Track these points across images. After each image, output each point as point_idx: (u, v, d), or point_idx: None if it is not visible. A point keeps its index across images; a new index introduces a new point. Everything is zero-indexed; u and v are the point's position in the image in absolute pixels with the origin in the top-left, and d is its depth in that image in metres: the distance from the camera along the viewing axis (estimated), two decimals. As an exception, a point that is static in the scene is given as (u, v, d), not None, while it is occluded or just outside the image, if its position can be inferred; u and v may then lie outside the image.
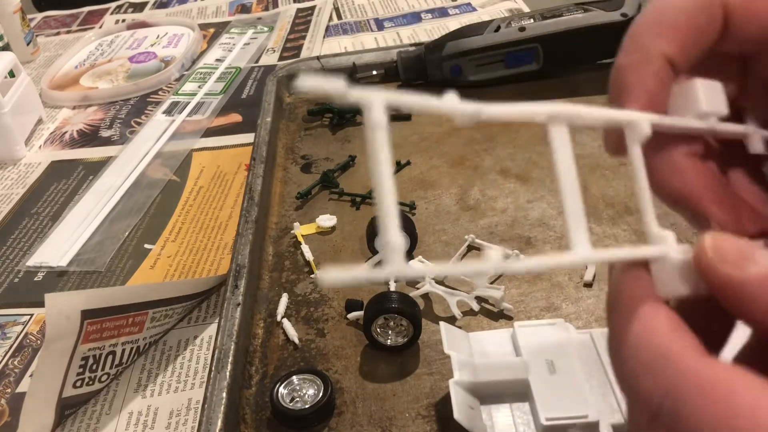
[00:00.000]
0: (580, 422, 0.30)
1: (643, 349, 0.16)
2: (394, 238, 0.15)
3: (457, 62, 0.60)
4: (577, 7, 0.59)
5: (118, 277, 0.48)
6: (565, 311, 0.39)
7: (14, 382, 0.40)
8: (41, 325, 0.44)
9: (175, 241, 0.51)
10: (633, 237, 0.43)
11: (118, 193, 0.57)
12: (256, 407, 0.36)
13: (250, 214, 0.46)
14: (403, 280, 0.41)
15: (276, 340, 0.39)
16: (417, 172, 0.52)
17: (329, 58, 0.67)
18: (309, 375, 0.35)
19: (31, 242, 0.53)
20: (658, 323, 0.16)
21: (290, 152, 0.57)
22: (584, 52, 0.60)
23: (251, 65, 0.77)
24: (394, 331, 0.37)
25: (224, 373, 0.35)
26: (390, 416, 0.34)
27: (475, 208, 0.48)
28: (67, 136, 0.68)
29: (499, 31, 0.59)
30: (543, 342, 0.34)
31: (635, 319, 0.17)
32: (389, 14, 0.87)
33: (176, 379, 0.39)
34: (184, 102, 0.70)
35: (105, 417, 0.38)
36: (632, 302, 0.17)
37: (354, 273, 0.14)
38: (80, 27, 0.97)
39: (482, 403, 0.33)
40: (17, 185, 0.61)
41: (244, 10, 0.95)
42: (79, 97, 0.74)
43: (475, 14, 0.83)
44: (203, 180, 0.58)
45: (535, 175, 0.50)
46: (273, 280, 0.44)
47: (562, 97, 0.59)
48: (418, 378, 0.36)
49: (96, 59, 0.83)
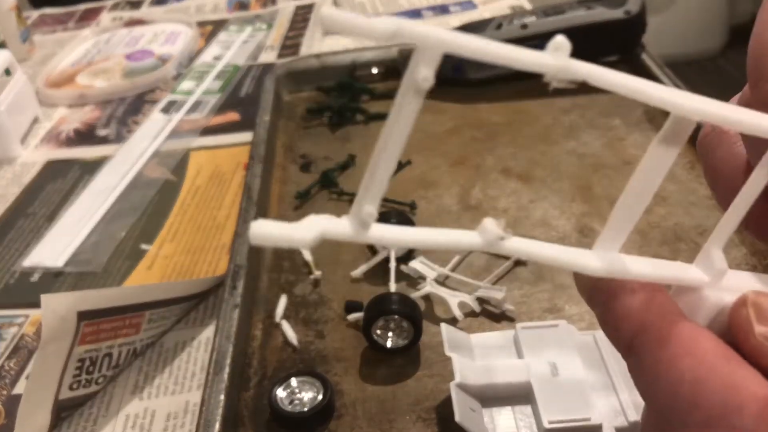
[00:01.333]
0: (583, 425, 0.30)
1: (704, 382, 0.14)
2: (368, 211, 0.14)
3: (459, 60, 0.59)
4: (579, 4, 0.58)
5: (115, 277, 0.47)
6: (568, 312, 0.38)
7: (10, 384, 0.40)
8: (37, 327, 0.44)
9: (172, 242, 0.50)
10: (636, 236, 0.43)
11: (114, 193, 0.56)
12: (255, 410, 0.35)
13: (248, 214, 0.46)
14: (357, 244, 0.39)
15: (274, 342, 0.39)
16: (418, 172, 0.52)
17: (329, 55, 0.66)
18: (308, 377, 0.35)
19: (26, 242, 0.52)
20: (708, 349, 0.15)
21: (289, 151, 0.57)
22: (587, 49, 0.59)
23: (250, 63, 0.77)
24: (394, 333, 0.37)
25: (222, 376, 0.35)
26: (390, 419, 0.34)
27: (477, 208, 0.47)
28: (64, 135, 0.67)
29: (501, 29, 0.59)
30: (545, 344, 0.34)
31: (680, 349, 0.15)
32: (390, 11, 0.86)
33: (174, 381, 0.39)
34: (181, 100, 0.70)
35: (101, 419, 0.37)
36: (665, 327, 0.15)
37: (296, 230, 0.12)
38: (76, 25, 0.97)
39: (484, 406, 0.32)
40: (13, 185, 0.60)
41: (243, 8, 0.94)
42: (76, 95, 0.73)
43: (476, 11, 0.82)
44: (201, 179, 0.57)
45: (537, 175, 0.50)
46: (271, 281, 0.43)
47: (565, 95, 0.58)
48: (418, 380, 0.35)
49: (92, 57, 0.83)
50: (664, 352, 0.15)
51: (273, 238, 0.12)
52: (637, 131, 0.53)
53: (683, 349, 0.15)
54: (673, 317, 0.16)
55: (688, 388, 0.15)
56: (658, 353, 0.15)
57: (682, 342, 0.15)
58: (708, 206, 0.45)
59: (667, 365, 0.15)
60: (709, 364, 0.15)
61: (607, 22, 0.57)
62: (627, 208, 0.16)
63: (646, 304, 0.16)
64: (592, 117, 0.55)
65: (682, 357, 0.15)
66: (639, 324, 0.16)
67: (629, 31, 0.58)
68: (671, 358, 0.15)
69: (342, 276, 0.43)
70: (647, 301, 0.16)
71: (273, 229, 0.12)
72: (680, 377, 0.15)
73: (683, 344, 0.15)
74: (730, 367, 0.14)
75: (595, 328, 0.37)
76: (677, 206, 0.45)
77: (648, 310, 0.16)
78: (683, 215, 0.44)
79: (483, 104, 0.59)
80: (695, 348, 0.15)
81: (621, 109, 0.56)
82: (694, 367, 0.15)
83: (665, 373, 0.15)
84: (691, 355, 0.15)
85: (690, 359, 0.15)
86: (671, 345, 0.15)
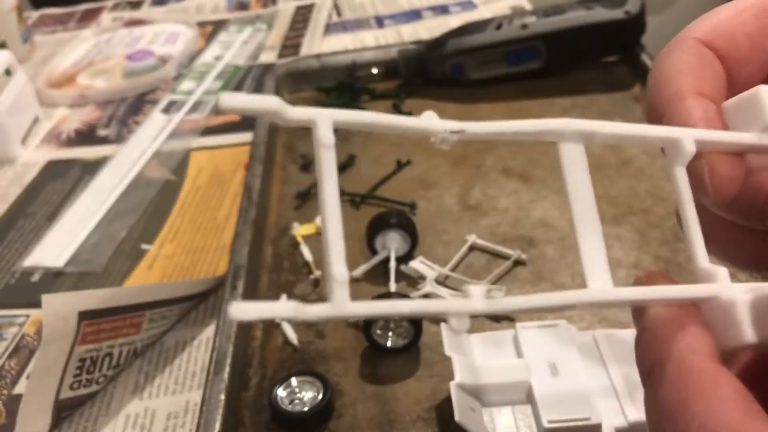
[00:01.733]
0: (582, 424, 0.30)
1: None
2: (339, 271, 0.13)
3: (459, 60, 0.60)
4: (579, 4, 0.58)
5: (116, 277, 0.47)
6: (567, 313, 0.38)
7: (10, 384, 0.40)
8: (38, 327, 0.44)
9: (172, 242, 0.50)
10: (636, 237, 0.43)
11: (115, 193, 0.56)
12: (255, 410, 0.35)
13: (248, 214, 0.46)
14: (341, 320, 0.39)
15: (275, 342, 0.39)
16: (417, 172, 0.52)
17: (329, 56, 0.66)
18: (308, 377, 0.35)
19: (27, 242, 0.52)
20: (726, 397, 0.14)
21: (289, 151, 0.57)
22: (587, 49, 0.59)
23: (250, 63, 0.77)
24: (394, 333, 0.37)
25: (222, 375, 0.35)
26: (390, 419, 0.34)
27: (477, 208, 0.47)
28: (64, 135, 0.67)
29: (501, 29, 0.59)
30: (545, 344, 0.34)
31: (696, 392, 0.14)
32: (390, 12, 0.86)
33: (174, 381, 0.39)
34: (181, 100, 0.70)
35: (102, 419, 0.37)
36: (685, 364, 0.14)
37: (274, 309, 0.12)
38: (77, 25, 0.97)
39: (484, 406, 0.32)
40: (13, 185, 0.60)
41: (243, 8, 0.94)
42: (76, 95, 0.73)
43: (476, 12, 0.82)
44: (201, 179, 0.57)
45: (537, 175, 0.50)
46: (272, 281, 0.43)
47: (565, 95, 0.58)
48: (418, 380, 0.36)
49: (93, 57, 0.83)
50: (680, 390, 0.14)
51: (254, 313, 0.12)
52: (637, 131, 0.53)
53: (700, 392, 0.14)
54: (698, 355, 0.14)
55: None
56: (672, 389, 0.14)
57: (701, 384, 0.14)
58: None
59: (680, 405, 0.14)
60: (722, 414, 0.14)
61: (606, 23, 0.57)
62: (584, 224, 0.16)
63: (674, 332, 0.15)
64: (591, 117, 0.55)
65: (696, 400, 0.14)
66: (663, 353, 0.15)
67: (629, 32, 0.58)
68: (685, 398, 0.14)
69: (342, 276, 0.43)
70: (675, 331, 0.15)
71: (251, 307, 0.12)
72: (690, 420, 0.14)
73: (701, 387, 0.14)
74: (744, 422, 0.13)
75: (595, 328, 0.37)
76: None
77: (675, 340, 0.15)
78: (683, 215, 0.44)
79: (483, 104, 0.59)
80: (713, 393, 0.14)
81: (621, 109, 0.56)
82: (707, 414, 0.14)
83: (675, 413, 0.14)
84: (706, 400, 0.14)
85: (703, 404, 0.14)
86: (689, 384, 0.14)
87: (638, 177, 0.48)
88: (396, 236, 0.42)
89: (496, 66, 0.60)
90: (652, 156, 0.50)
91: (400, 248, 0.42)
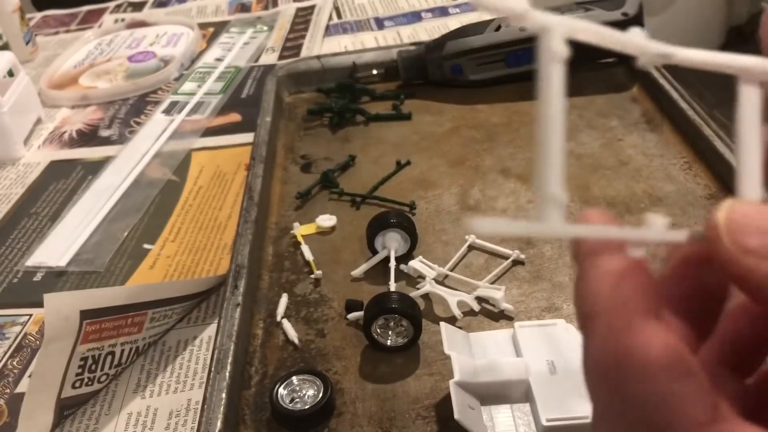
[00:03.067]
0: (581, 423, 0.30)
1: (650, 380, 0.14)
2: (555, 191, 0.13)
3: (458, 61, 0.60)
4: (578, 6, 0.59)
5: (117, 277, 0.48)
6: (566, 311, 0.38)
7: (13, 383, 0.40)
8: (40, 326, 0.44)
9: (174, 241, 0.50)
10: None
11: (117, 193, 0.57)
12: (256, 408, 0.35)
13: (249, 214, 0.46)
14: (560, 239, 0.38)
15: (276, 341, 0.39)
16: (417, 172, 0.52)
17: (329, 57, 0.66)
18: (309, 375, 0.35)
19: (30, 242, 0.52)
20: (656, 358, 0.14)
21: (290, 152, 0.57)
22: (585, 51, 0.59)
23: (251, 64, 0.77)
24: (394, 332, 0.37)
25: (224, 374, 0.35)
26: (390, 417, 0.34)
27: (476, 208, 0.48)
28: (66, 135, 0.68)
29: (500, 30, 0.59)
30: (544, 342, 0.34)
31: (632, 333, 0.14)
32: (389, 13, 0.87)
33: (175, 379, 0.39)
34: (183, 101, 0.70)
35: (104, 418, 0.38)
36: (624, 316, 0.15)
37: (512, 224, 0.13)
38: (79, 26, 0.97)
39: (483, 404, 0.33)
40: (16, 185, 0.60)
41: (244, 9, 0.94)
42: (78, 96, 0.74)
43: (475, 13, 0.82)
44: (203, 180, 0.57)
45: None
46: (273, 281, 0.44)
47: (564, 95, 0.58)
48: (418, 379, 0.36)
49: (95, 58, 0.83)
50: (611, 344, 0.15)
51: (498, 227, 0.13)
52: (635, 132, 0.53)
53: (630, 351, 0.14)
54: (634, 313, 0.15)
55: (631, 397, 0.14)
56: (605, 343, 0.15)
57: (632, 344, 0.14)
58: (705, 206, 0.45)
59: (611, 362, 0.15)
60: (650, 374, 0.14)
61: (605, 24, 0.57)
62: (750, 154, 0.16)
63: (616, 283, 0.15)
64: (590, 118, 0.56)
65: (627, 362, 0.14)
66: (599, 305, 0.15)
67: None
68: (617, 358, 0.14)
69: (342, 275, 0.43)
70: (618, 281, 0.15)
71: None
72: (622, 381, 0.14)
73: (632, 347, 0.14)
74: (671, 386, 0.14)
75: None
76: (674, 206, 0.45)
77: (614, 293, 0.15)
78: (681, 215, 0.44)
79: (482, 105, 0.59)
80: (644, 355, 0.14)
81: (619, 110, 0.56)
82: (637, 378, 0.14)
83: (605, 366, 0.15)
84: (635, 363, 0.14)
85: (634, 367, 0.14)
86: (620, 341, 0.14)
87: (635, 177, 0.48)
88: (396, 236, 0.42)
89: (495, 67, 0.60)
90: (649, 157, 0.50)
91: (399, 248, 0.42)
